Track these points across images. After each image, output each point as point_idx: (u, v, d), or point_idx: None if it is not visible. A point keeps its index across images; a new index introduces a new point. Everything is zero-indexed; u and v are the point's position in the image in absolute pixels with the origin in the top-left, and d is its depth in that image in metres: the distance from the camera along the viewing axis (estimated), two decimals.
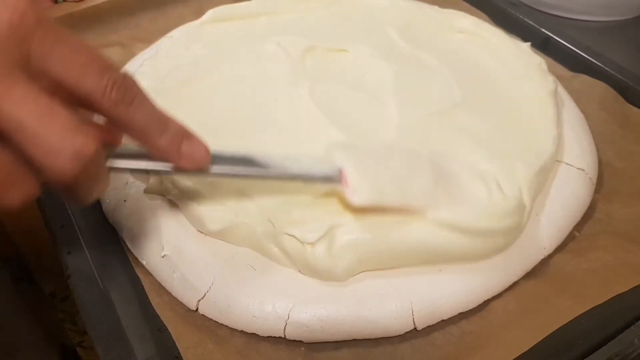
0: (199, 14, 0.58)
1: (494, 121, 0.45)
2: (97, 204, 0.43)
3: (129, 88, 0.28)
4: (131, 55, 0.57)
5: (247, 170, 0.34)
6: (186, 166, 0.32)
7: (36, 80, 0.25)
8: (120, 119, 0.28)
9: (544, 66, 0.50)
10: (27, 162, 0.25)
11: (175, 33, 0.56)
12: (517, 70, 0.50)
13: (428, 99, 0.47)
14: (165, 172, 0.34)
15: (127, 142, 0.31)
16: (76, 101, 0.27)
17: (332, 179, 0.36)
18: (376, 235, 0.36)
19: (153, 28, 0.62)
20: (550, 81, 0.48)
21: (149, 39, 0.58)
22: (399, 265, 0.37)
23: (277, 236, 0.37)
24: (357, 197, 0.35)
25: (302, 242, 0.36)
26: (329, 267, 0.36)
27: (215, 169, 0.33)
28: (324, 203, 0.38)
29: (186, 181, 0.39)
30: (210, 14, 0.57)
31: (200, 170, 0.32)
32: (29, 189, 0.26)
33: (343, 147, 0.38)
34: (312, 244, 0.36)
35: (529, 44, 0.53)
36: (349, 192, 0.35)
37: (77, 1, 0.63)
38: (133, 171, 0.34)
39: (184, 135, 0.31)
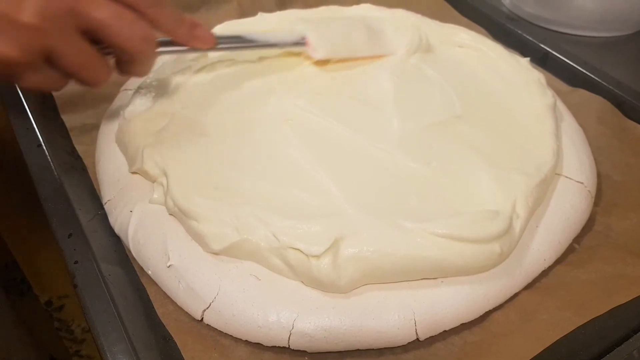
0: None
1: (494, 134, 0.46)
2: (103, 214, 0.43)
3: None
4: None
5: (241, 44, 0.48)
6: (200, 45, 0.45)
7: None
8: (155, 17, 0.40)
9: (543, 81, 0.51)
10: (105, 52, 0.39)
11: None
12: (516, 84, 0.51)
13: (429, 111, 0.48)
14: (189, 51, 0.45)
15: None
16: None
17: (300, 43, 0.50)
18: (380, 249, 0.37)
19: None
20: (549, 95, 0.49)
21: None
22: (402, 279, 0.38)
23: (281, 250, 0.37)
24: (317, 52, 0.50)
25: (306, 255, 0.37)
26: (332, 280, 0.36)
27: (220, 46, 0.46)
28: (326, 217, 0.39)
29: (185, 201, 0.40)
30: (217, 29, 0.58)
31: (210, 47, 0.45)
32: (107, 70, 0.39)
33: (304, 21, 0.52)
34: (317, 256, 0.36)
35: (528, 59, 0.54)
36: (311, 50, 0.50)
37: None
38: (170, 52, 0.45)
39: (196, 24, 0.44)
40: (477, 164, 0.43)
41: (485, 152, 0.44)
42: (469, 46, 0.56)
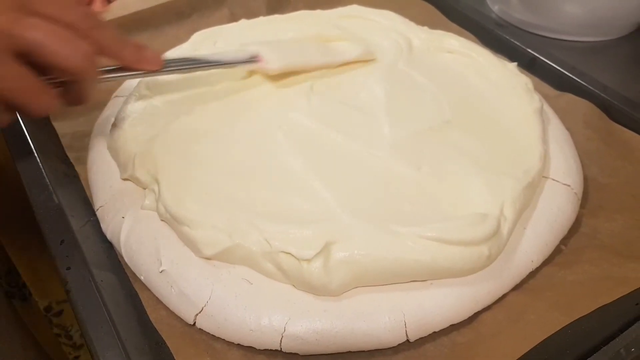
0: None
1: (483, 138, 0.47)
2: (95, 221, 0.44)
3: (96, 20, 0.40)
4: None
5: (191, 65, 0.46)
6: (148, 68, 0.43)
7: (33, 15, 0.36)
8: (97, 39, 0.39)
9: (530, 85, 0.52)
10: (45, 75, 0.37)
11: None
12: (504, 89, 0.52)
13: (419, 116, 0.49)
14: (135, 75, 0.44)
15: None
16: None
17: (252, 60, 0.49)
18: (371, 253, 0.37)
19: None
20: (536, 100, 0.50)
21: None
22: (392, 282, 0.38)
23: (273, 255, 0.38)
24: (272, 64, 0.49)
25: (298, 260, 0.37)
26: (324, 283, 0.37)
27: (169, 68, 0.45)
28: (318, 222, 0.39)
29: (177, 207, 0.40)
30: (196, 36, 0.59)
31: (158, 69, 0.44)
32: (50, 96, 0.38)
33: (255, 43, 0.51)
34: (309, 260, 0.37)
35: (515, 64, 0.55)
36: (264, 64, 0.49)
37: None
38: (116, 78, 0.43)
39: (141, 46, 0.43)
40: (467, 169, 0.43)
41: (475, 157, 0.45)
42: (458, 52, 0.57)
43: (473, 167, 0.43)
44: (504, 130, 0.48)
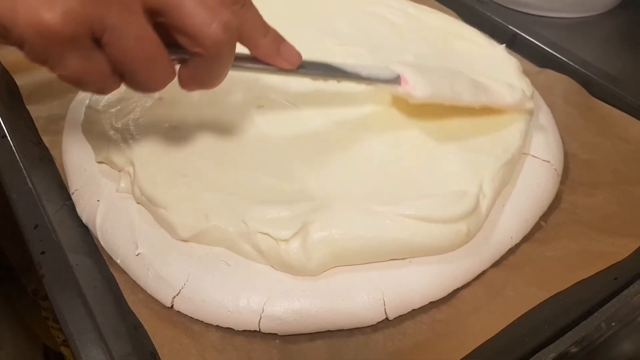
0: None
1: (466, 117, 0.46)
2: (71, 205, 0.43)
3: None
4: None
5: (326, 72, 0.40)
6: (283, 65, 0.37)
7: None
8: (237, 16, 0.32)
9: (520, 68, 0.51)
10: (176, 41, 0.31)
11: None
12: (492, 70, 0.51)
13: None
14: (267, 70, 0.38)
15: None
16: None
17: (393, 81, 0.42)
18: (349, 231, 0.37)
19: None
20: (528, 84, 0.50)
21: None
22: (371, 260, 0.38)
23: (250, 235, 0.37)
24: (418, 91, 0.41)
25: (275, 240, 0.37)
26: (302, 263, 0.36)
27: (303, 71, 0.39)
28: (296, 202, 0.39)
29: (153, 190, 0.39)
30: None
31: (292, 69, 0.38)
32: (171, 70, 0.32)
33: (399, 62, 0.43)
34: (286, 240, 0.37)
35: (504, 45, 0.54)
36: (409, 88, 0.41)
37: None
38: (243, 69, 0.37)
39: (281, 39, 0.36)
40: (447, 147, 0.43)
41: (456, 136, 0.44)
42: (445, 29, 0.56)
43: (452, 143, 0.43)
44: (486, 110, 0.47)
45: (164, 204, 0.39)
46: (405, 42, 0.55)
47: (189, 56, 0.33)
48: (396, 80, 0.42)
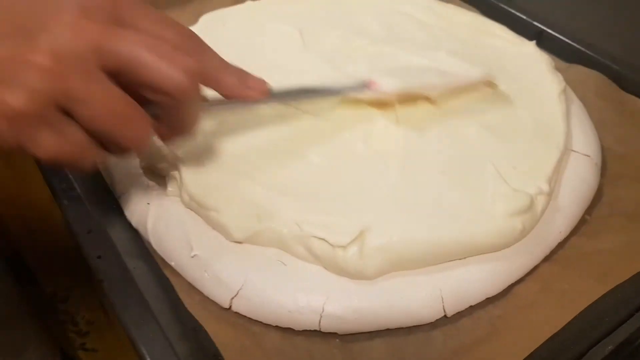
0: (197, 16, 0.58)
1: (513, 119, 0.47)
2: (119, 209, 0.43)
3: (197, 40, 0.35)
4: None
5: (297, 94, 0.42)
6: (253, 96, 0.37)
7: (128, 28, 0.31)
8: (195, 60, 0.33)
9: (552, 64, 0.52)
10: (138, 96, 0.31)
11: None
12: (524, 67, 0.52)
13: None
14: (238, 105, 0.40)
15: None
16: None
17: (365, 87, 0.44)
18: (407, 238, 0.37)
19: None
20: (560, 79, 0.50)
21: None
22: (429, 264, 0.38)
23: (304, 238, 0.37)
24: (387, 86, 0.44)
25: (332, 245, 0.37)
26: (360, 270, 0.36)
27: (275, 99, 0.40)
28: (351, 206, 0.39)
29: (202, 194, 0.40)
30: (204, 18, 0.58)
31: (264, 98, 0.38)
32: (147, 123, 0.32)
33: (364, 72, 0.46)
34: (343, 247, 0.37)
35: (534, 42, 0.54)
36: (378, 87, 0.44)
37: None
38: (216, 106, 0.39)
39: (245, 72, 0.38)
40: (500, 147, 0.44)
41: (505, 136, 0.45)
42: (477, 28, 0.57)
43: (505, 144, 0.44)
44: (530, 109, 0.48)
45: (215, 207, 0.39)
46: (436, 40, 0.55)
47: (161, 109, 0.33)
48: (367, 85, 0.44)
